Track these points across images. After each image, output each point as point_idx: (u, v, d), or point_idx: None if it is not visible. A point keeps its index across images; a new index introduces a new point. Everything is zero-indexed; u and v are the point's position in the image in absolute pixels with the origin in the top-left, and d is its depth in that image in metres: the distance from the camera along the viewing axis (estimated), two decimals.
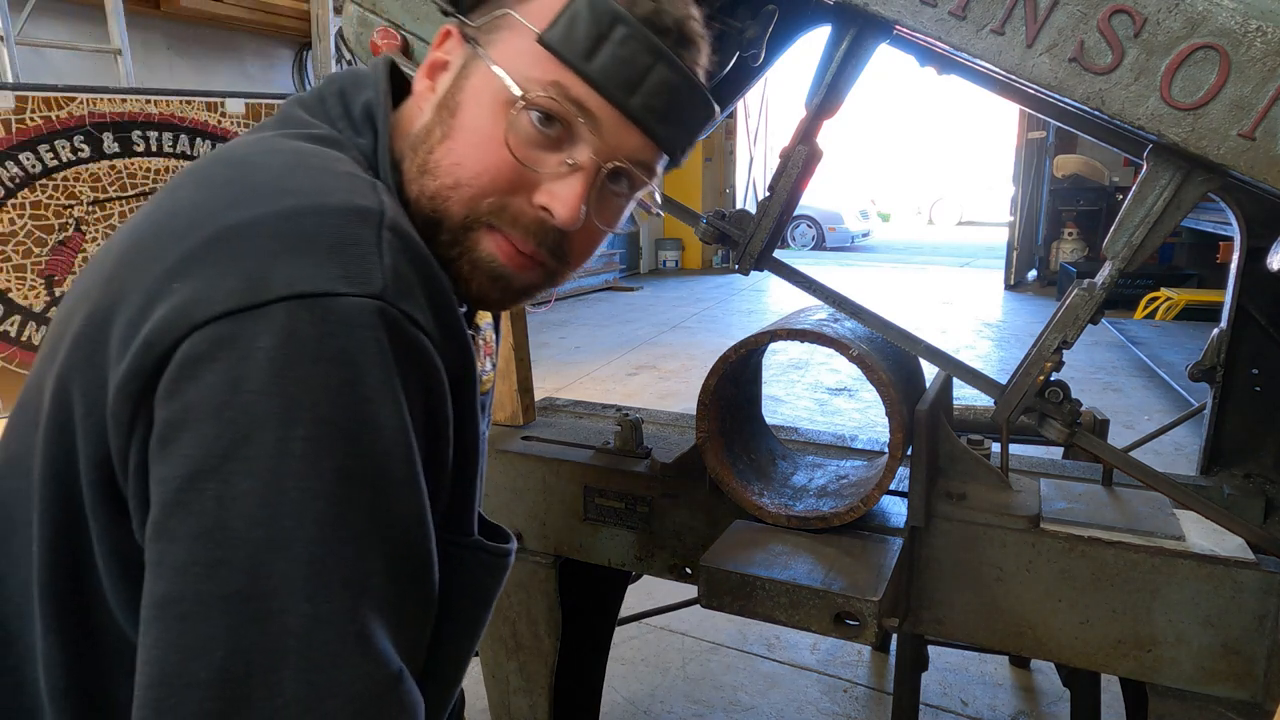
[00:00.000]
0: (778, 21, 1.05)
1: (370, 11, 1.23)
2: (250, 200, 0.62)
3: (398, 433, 0.59)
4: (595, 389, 5.50)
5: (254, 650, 0.52)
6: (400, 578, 0.59)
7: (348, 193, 0.64)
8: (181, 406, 0.55)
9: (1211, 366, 1.37)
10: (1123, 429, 4.52)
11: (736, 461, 1.37)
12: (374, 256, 0.60)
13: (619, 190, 0.78)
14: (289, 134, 0.75)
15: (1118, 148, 1.25)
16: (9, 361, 3.07)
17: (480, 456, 0.76)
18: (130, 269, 0.62)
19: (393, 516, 0.59)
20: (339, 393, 0.56)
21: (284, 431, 0.54)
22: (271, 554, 0.53)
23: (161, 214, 0.66)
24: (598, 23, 0.71)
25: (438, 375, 0.63)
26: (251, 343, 0.55)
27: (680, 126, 0.76)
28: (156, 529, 0.55)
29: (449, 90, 0.76)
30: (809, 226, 14.79)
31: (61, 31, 4.90)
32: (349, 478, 0.56)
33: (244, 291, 0.56)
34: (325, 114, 0.79)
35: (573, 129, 0.73)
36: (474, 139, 0.73)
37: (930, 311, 8.47)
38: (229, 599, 0.52)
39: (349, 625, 0.54)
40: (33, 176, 3.06)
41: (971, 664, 2.50)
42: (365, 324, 0.57)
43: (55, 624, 0.65)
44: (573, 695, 1.71)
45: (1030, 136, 9.73)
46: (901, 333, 1.19)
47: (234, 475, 0.53)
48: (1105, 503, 1.25)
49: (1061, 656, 1.20)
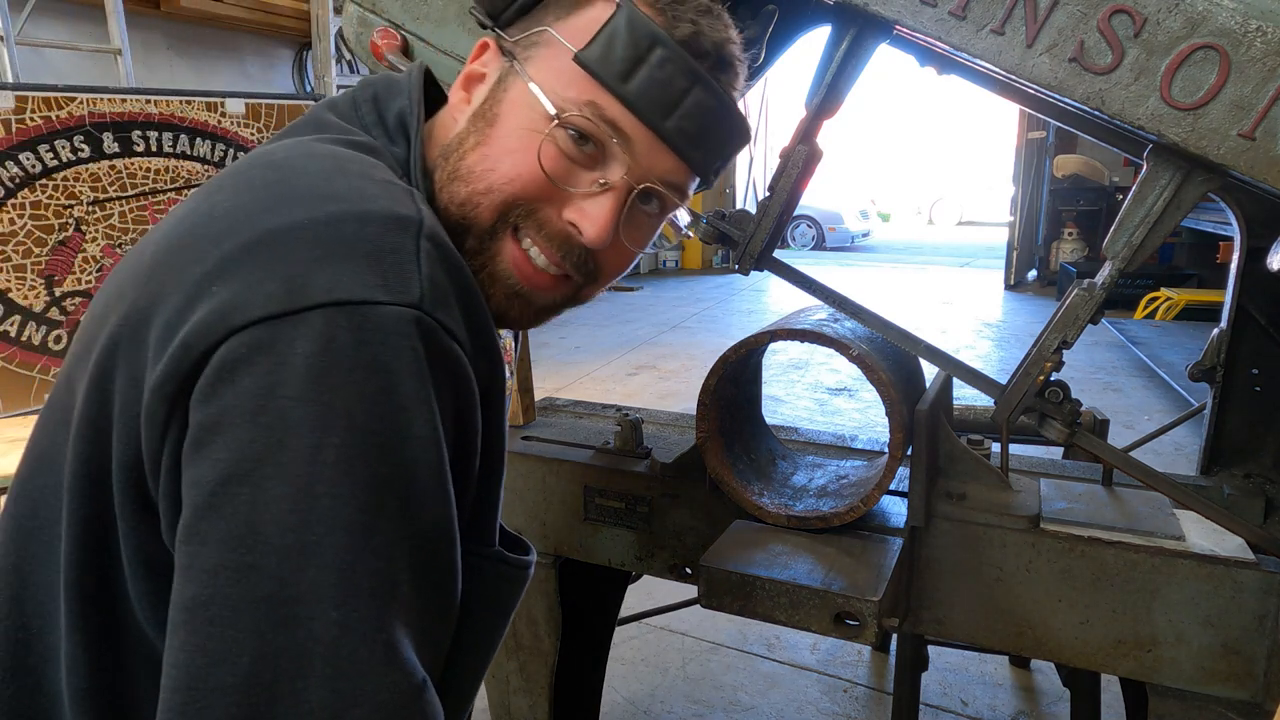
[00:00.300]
0: (778, 21, 1.05)
1: (370, 11, 1.23)
2: (291, 205, 0.62)
3: (430, 442, 0.59)
4: (595, 389, 5.50)
5: (281, 656, 0.52)
6: (426, 587, 0.59)
7: (388, 200, 0.64)
8: (217, 410, 0.55)
9: (1211, 366, 1.37)
10: (1123, 429, 4.52)
11: (736, 461, 1.37)
12: (412, 265, 0.60)
13: (650, 210, 0.78)
14: (326, 139, 0.74)
15: (1118, 148, 1.25)
16: (9, 361, 3.07)
17: (504, 466, 0.76)
18: (168, 270, 0.62)
19: (422, 526, 0.59)
20: (374, 401, 0.56)
21: (318, 438, 0.54)
22: (302, 560, 0.53)
23: (199, 216, 0.65)
24: (636, 44, 0.71)
25: (469, 385, 0.63)
26: (289, 348, 0.55)
27: (714, 150, 0.77)
28: (187, 532, 0.55)
29: (485, 101, 0.76)
30: (809, 226, 14.79)
31: (61, 31, 4.90)
32: (381, 486, 0.56)
33: (283, 296, 0.56)
34: (359, 120, 0.79)
35: (606, 149, 0.73)
36: (508, 147, 0.73)
37: (930, 311, 8.47)
38: (258, 604, 0.52)
39: (377, 634, 0.54)
40: (32, 176, 3.06)
41: (971, 664, 2.50)
42: (402, 333, 0.57)
43: (80, 623, 0.64)
44: (573, 695, 1.71)
45: (1030, 136, 9.73)
46: (901, 333, 1.19)
47: (267, 480, 0.53)
48: (1105, 503, 1.25)
49: (1061, 656, 1.20)
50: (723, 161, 0.80)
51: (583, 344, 6.87)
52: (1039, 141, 9.69)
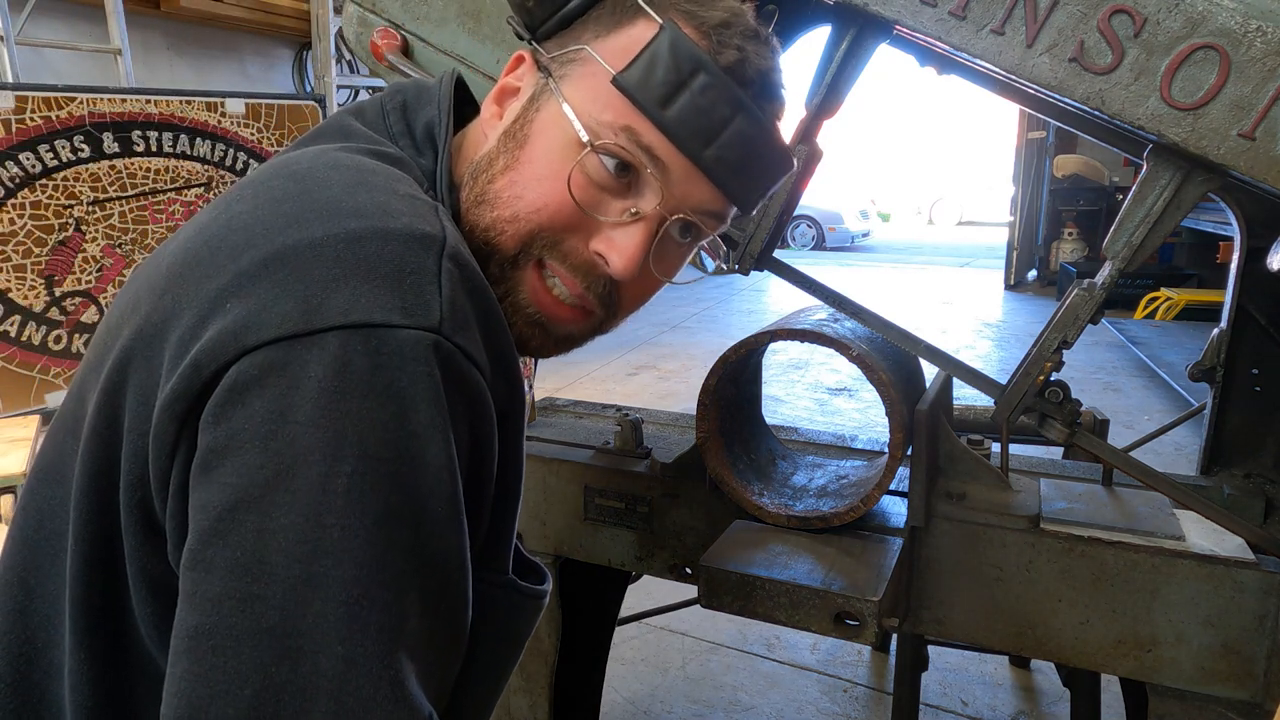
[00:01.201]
0: (777, 21, 1.04)
1: (370, 11, 1.23)
2: (310, 220, 0.60)
3: (444, 471, 0.57)
4: (595, 389, 5.50)
5: (284, 690, 0.50)
6: (436, 620, 0.58)
7: (410, 216, 0.62)
8: (226, 433, 0.53)
9: (1211, 366, 1.37)
10: (1123, 429, 4.52)
11: (736, 461, 1.37)
12: (433, 286, 0.58)
13: (681, 240, 0.75)
14: (351, 148, 0.72)
15: (1118, 148, 1.25)
16: (9, 361, 3.07)
17: (520, 492, 0.73)
18: (183, 283, 0.60)
19: (433, 557, 0.57)
20: (387, 429, 0.54)
21: (329, 466, 0.53)
22: (308, 592, 0.51)
23: (217, 226, 0.63)
24: (678, 68, 0.67)
25: (487, 411, 0.61)
26: (302, 371, 0.53)
27: (753, 180, 0.73)
28: (192, 557, 0.53)
29: (517, 120, 0.73)
30: (809, 226, 14.79)
31: (61, 31, 4.90)
32: (392, 518, 0.54)
33: (298, 317, 0.54)
34: (387, 129, 0.76)
35: (640, 176, 0.70)
36: (538, 173, 0.71)
37: (930, 311, 8.47)
38: (262, 636, 0.51)
39: (383, 671, 0.53)
40: (33, 176, 3.06)
41: (971, 664, 2.50)
42: (419, 358, 0.55)
43: (87, 639, 0.63)
44: (573, 695, 1.71)
45: (1030, 136, 9.73)
46: (901, 333, 1.19)
47: (275, 508, 0.52)
48: (1105, 503, 1.25)
49: (1061, 656, 1.20)
50: (763, 192, 0.76)
51: None
52: (1039, 141, 9.69)
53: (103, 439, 0.61)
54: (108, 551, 0.62)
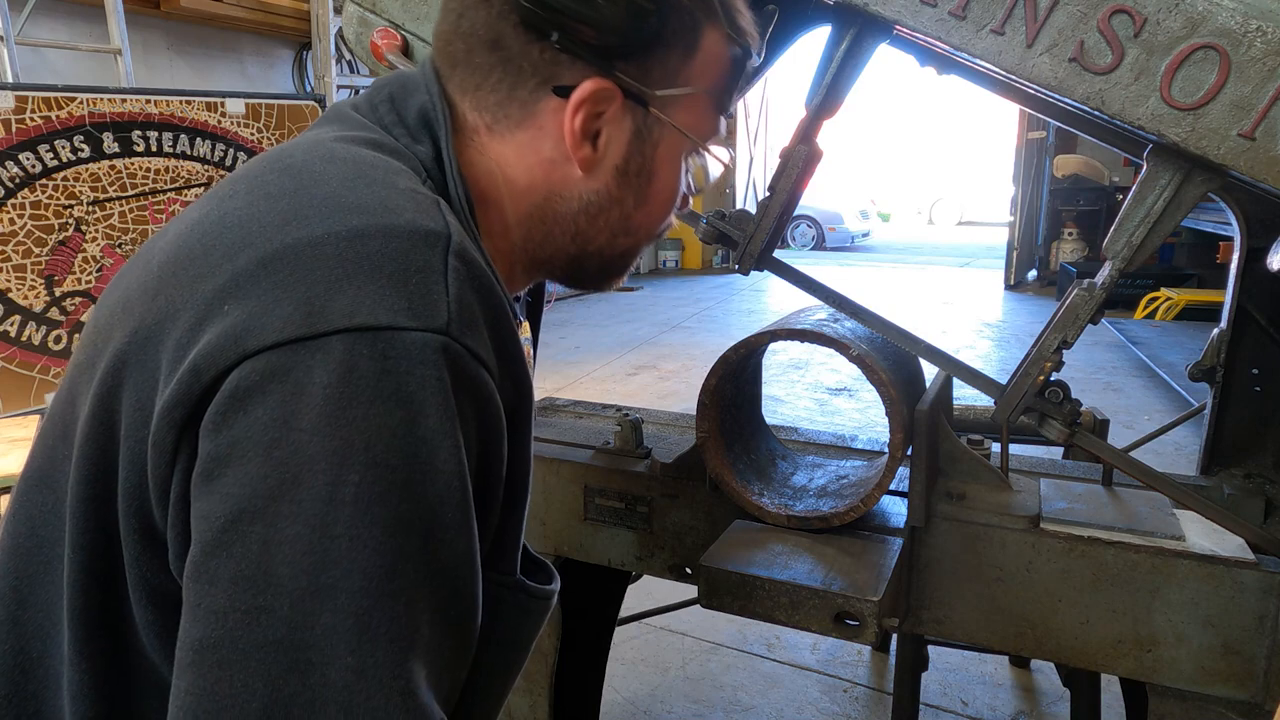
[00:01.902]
0: (778, 21, 1.05)
1: (370, 11, 1.23)
2: (310, 216, 0.58)
3: (454, 477, 0.55)
4: (595, 389, 5.50)
5: (293, 703, 0.49)
6: (446, 626, 0.56)
7: (413, 212, 0.60)
8: (228, 441, 0.52)
9: (1211, 366, 1.37)
10: (1123, 429, 4.52)
11: (736, 461, 1.37)
12: (439, 285, 0.57)
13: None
14: (347, 137, 0.71)
15: (1118, 148, 1.25)
16: (9, 361, 3.07)
17: (528, 493, 0.73)
18: (176, 283, 0.59)
19: (444, 565, 0.56)
20: (396, 435, 0.53)
21: (336, 475, 0.51)
22: (316, 604, 0.50)
23: (211, 224, 0.62)
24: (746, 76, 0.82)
25: (496, 412, 0.60)
26: (306, 377, 0.52)
27: None
28: (196, 569, 0.52)
29: (628, 158, 0.77)
30: (809, 226, 14.80)
31: (61, 31, 4.90)
32: (401, 526, 0.53)
33: (301, 320, 0.53)
34: (378, 120, 0.75)
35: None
36: (666, 199, 0.81)
37: (930, 311, 8.47)
38: (269, 649, 0.49)
39: (394, 681, 0.51)
40: (33, 176, 3.06)
41: (971, 664, 2.50)
42: (428, 361, 0.54)
43: (86, 649, 0.61)
44: (573, 695, 1.71)
45: (1030, 136, 9.74)
46: (901, 333, 1.19)
47: (281, 519, 0.51)
48: (1105, 503, 1.25)
49: (1061, 656, 1.20)
50: None
51: (583, 344, 6.87)
52: (1039, 141, 9.69)
53: (98, 445, 0.60)
54: (106, 560, 0.61)
